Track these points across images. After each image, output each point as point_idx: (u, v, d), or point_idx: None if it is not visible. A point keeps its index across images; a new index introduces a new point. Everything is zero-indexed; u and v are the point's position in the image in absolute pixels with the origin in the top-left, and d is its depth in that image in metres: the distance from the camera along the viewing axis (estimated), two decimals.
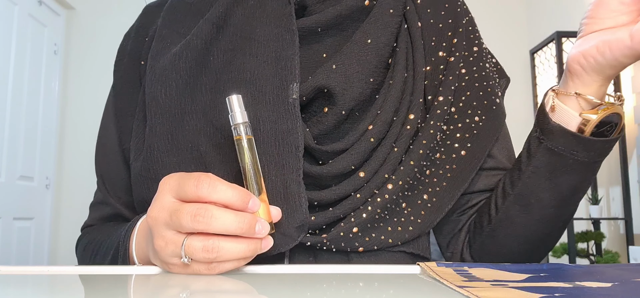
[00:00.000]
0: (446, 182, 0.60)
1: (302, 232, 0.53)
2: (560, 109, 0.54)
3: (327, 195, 0.55)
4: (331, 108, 0.57)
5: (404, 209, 0.58)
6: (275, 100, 0.55)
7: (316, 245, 0.55)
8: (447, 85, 0.61)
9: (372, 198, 0.56)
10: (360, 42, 0.58)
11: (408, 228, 0.58)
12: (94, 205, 0.68)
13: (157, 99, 0.58)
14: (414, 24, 0.63)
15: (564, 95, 0.54)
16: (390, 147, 0.58)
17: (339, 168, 0.56)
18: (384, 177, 0.57)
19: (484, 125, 0.62)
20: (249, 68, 0.56)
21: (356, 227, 0.55)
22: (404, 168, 0.58)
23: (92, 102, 3.38)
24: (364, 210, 0.56)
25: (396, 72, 0.60)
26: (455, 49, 0.62)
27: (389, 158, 0.57)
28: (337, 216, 0.55)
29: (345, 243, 0.55)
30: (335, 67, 0.56)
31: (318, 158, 0.57)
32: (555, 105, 0.55)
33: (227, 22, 0.58)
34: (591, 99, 0.53)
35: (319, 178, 0.56)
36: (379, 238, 0.57)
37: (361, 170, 0.57)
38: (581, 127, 0.53)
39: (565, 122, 0.54)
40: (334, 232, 0.55)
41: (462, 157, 0.61)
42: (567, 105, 0.54)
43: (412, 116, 0.59)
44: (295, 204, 0.52)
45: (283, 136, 0.54)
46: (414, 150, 0.58)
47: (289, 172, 0.53)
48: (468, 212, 0.65)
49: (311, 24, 0.58)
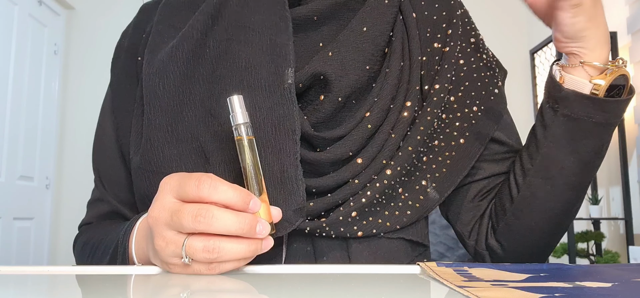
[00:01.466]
0: (446, 169, 0.61)
1: (301, 216, 0.53)
2: (569, 80, 0.56)
3: (325, 181, 0.56)
4: (327, 95, 0.57)
5: (401, 195, 0.59)
6: (270, 87, 0.55)
7: (315, 231, 0.55)
8: (443, 73, 0.62)
9: (370, 183, 0.57)
10: (357, 30, 0.58)
11: (406, 213, 0.59)
12: (92, 203, 0.68)
13: (155, 92, 0.58)
14: (409, 15, 0.64)
15: (569, 68, 0.56)
16: (388, 134, 0.58)
17: (336, 155, 0.56)
18: (381, 163, 0.57)
19: (483, 115, 0.62)
20: (244, 56, 0.56)
21: (355, 212, 0.56)
22: (401, 154, 0.58)
23: (92, 102, 3.37)
24: (362, 195, 0.56)
25: (392, 60, 0.60)
26: (450, 39, 0.63)
27: (387, 145, 0.58)
28: (335, 202, 0.56)
29: (344, 227, 0.56)
30: (332, 54, 0.57)
31: (316, 145, 0.57)
32: (563, 77, 0.56)
33: (222, 12, 0.59)
34: (597, 64, 0.54)
35: (317, 165, 0.56)
36: (377, 222, 0.57)
37: (359, 157, 0.57)
38: (594, 92, 0.54)
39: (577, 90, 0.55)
40: (333, 216, 0.55)
41: (461, 145, 0.61)
42: (575, 76, 0.55)
43: (409, 103, 0.60)
44: (292, 188, 0.53)
45: (279, 121, 0.54)
46: (411, 136, 0.59)
47: (286, 156, 0.53)
48: (487, 196, 0.65)
49: (307, 12, 0.58)
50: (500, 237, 0.63)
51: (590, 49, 0.54)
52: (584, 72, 0.55)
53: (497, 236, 0.63)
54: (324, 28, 0.59)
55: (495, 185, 0.65)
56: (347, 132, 0.57)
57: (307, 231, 0.55)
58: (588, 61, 0.54)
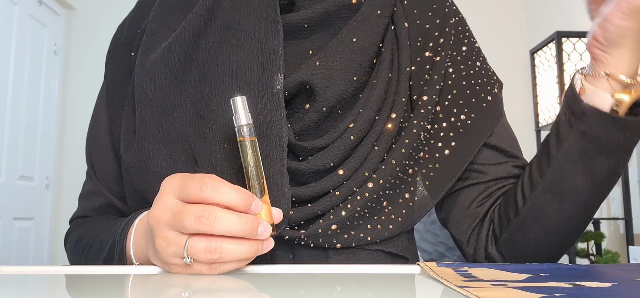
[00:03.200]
0: (429, 182, 0.60)
1: (283, 224, 0.53)
2: (591, 91, 0.53)
3: (306, 191, 0.55)
4: (312, 104, 0.57)
5: (384, 208, 0.58)
6: (259, 92, 0.55)
7: (294, 240, 0.55)
8: (432, 84, 0.61)
9: (352, 196, 0.56)
10: (346, 40, 0.58)
11: (388, 227, 0.58)
12: (84, 196, 0.68)
13: (146, 92, 0.58)
14: (400, 25, 0.63)
15: (592, 78, 0.53)
16: (371, 146, 0.58)
17: (318, 165, 0.56)
18: (364, 176, 0.57)
19: (472, 124, 0.61)
20: (235, 59, 0.56)
21: (335, 225, 0.55)
22: (385, 167, 0.57)
23: (92, 102, 3.34)
24: (343, 208, 0.56)
25: (380, 71, 0.60)
26: (441, 48, 0.62)
27: (370, 157, 0.57)
28: (315, 212, 0.56)
29: (323, 239, 0.56)
30: (319, 63, 0.56)
31: (298, 154, 0.57)
32: (584, 87, 0.53)
33: (215, 14, 0.58)
34: (623, 78, 0.51)
35: (299, 174, 0.56)
36: (358, 236, 0.57)
37: (340, 168, 0.57)
38: (614, 109, 0.52)
39: (597, 104, 0.52)
40: (312, 228, 0.55)
41: (446, 157, 0.60)
42: (597, 87, 0.53)
43: (394, 115, 0.59)
44: (278, 195, 0.53)
45: (268, 127, 0.54)
46: (396, 149, 0.58)
47: (273, 163, 0.53)
48: (485, 203, 0.63)
49: (298, 19, 0.58)
50: (502, 248, 0.61)
51: (621, 60, 0.51)
52: (608, 85, 0.52)
53: (498, 246, 0.61)
54: (315, 36, 0.59)
55: (494, 191, 0.63)
56: (330, 142, 0.56)
57: (286, 238, 0.55)
58: (614, 73, 0.51)
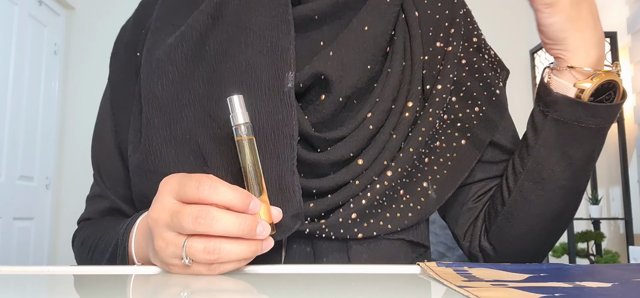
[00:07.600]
0: (446, 170, 0.61)
1: (298, 221, 0.53)
2: (556, 83, 0.56)
3: (326, 182, 0.56)
4: (328, 95, 0.57)
5: (402, 196, 0.59)
6: (270, 91, 0.55)
7: (315, 233, 0.55)
8: (446, 74, 0.61)
9: (371, 185, 0.57)
10: (357, 30, 0.58)
11: (407, 215, 0.58)
12: (91, 198, 0.68)
13: (153, 91, 0.58)
14: (411, 14, 0.63)
15: (558, 71, 0.56)
16: (389, 135, 0.58)
17: (337, 156, 0.56)
18: (382, 165, 0.57)
19: (484, 116, 0.62)
20: (244, 58, 0.56)
21: (355, 213, 0.56)
22: (403, 155, 0.58)
23: (92, 102, 3.37)
24: (363, 197, 0.56)
25: (394, 61, 0.60)
26: (453, 39, 0.63)
27: (388, 146, 0.58)
28: (335, 203, 0.56)
29: (345, 229, 0.56)
30: (332, 54, 0.56)
31: (316, 145, 0.57)
32: (551, 80, 0.56)
33: (222, 13, 0.58)
34: (587, 69, 0.54)
35: (317, 166, 0.56)
36: (378, 225, 0.57)
37: (360, 158, 0.57)
38: (578, 96, 0.54)
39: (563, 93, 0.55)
40: (332, 218, 0.55)
41: (463, 146, 0.61)
42: (561, 79, 0.55)
43: (411, 104, 0.59)
44: (289, 194, 0.53)
45: (279, 126, 0.54)
46: (413, 137, 0.59)
47: (284, 162, 0.53)
48: (483, 198, 0.65)
49: (308, 11, 0.58)
50: (492, 239, 0.63)
51: (572, 52, 0.54)
52: (571, 75, 0.55)
53: (489, 238, 0.63)
54: (325, 27, 0.59)
55: (491, 187, 0.65)
56: (349, 132, 0.57)
57: (306, 232, 0.55)
58: (576, 66, 0.54)
